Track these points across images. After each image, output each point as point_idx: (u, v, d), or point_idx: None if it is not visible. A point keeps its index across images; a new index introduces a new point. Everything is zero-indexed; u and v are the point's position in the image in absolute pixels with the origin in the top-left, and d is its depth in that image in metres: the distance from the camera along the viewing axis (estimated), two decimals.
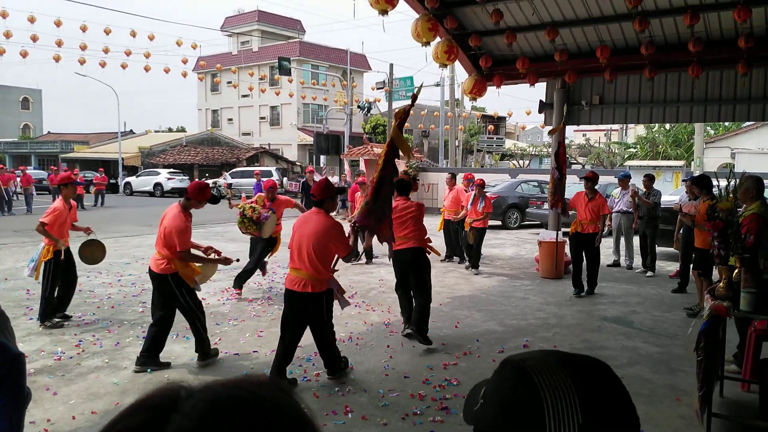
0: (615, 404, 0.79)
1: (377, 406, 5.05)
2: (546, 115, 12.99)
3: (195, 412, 0.59)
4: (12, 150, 54.63)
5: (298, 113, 50.82)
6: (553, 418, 0.76)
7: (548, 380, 0.79)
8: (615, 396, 0.80)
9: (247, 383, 0.65)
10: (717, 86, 11.09)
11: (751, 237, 5.33)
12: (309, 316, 5.51)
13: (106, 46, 23.16)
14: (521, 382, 0.81)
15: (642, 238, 11.51)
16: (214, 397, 0.61)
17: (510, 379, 0.83)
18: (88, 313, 8.06)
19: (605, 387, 0.81)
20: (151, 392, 0.63)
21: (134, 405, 0.62)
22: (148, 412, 0.60)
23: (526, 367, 0.82)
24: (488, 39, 11.17)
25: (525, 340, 7.03)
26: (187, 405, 0.59)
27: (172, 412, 0.59)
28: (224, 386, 0.64)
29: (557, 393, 0.77)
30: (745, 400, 5.28)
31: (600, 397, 0.79)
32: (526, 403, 0.78)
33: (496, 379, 0.86)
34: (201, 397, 0.61)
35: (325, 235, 5.37)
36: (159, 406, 0.60)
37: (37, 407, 4.88)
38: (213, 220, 19.82)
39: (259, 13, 55.29)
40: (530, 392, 0.79)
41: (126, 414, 0.61)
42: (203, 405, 0.60)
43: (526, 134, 66.17)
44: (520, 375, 0.82)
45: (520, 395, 0.80)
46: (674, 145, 35.77)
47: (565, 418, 0.75)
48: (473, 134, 47.61)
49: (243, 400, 0.61)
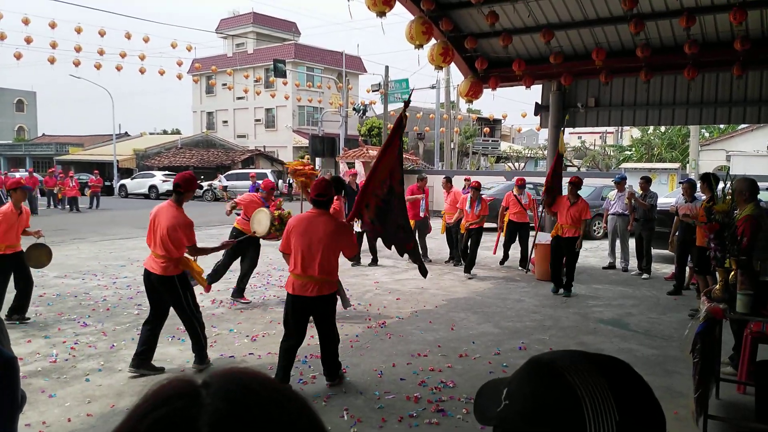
0: (645, 402, 0.80)
1: (373, 408, 5.04)
2: (542, 118, 13.02)
3: (221, 394, 0.61)
4: (6, 152, 54.48)
5: (294, 115, 50.81)
6: (592, 418, 0.75)
7: (582, 380, 0.79)
8: (644, 394, 0.81)
9: (254, 372, 0.67)
10: (713, 89, 11.14)
11: (745, 239, 5.34)
12: (321, 319, 5.40)
13: (101, 47, 23.15)
14: (555, 383, 0.80)
15: (638, 240, 11.52)
16: (232, 381, 0.63)
17: (542, 380, 0.82)
18: (83, 315, 8.03)
19: (635, 385, 0.81)
20: (165, 384, 0.64)
21: (154, 397, 0.62)
22: (178, 400, 0.60)
23: (558, 367, 0.82)
24: (484, 41, 11.20)
25: (521, 342, 7.03)
26: (211, 390, 0.61)
27: (199, 398, 0.60)
28: (241, 372, 0.66)
29: (593, 392, 0.77)
30: (741, 402, 5.29)
31: (632, 395, 0.79)
32: (562, 404, 0.78)
33: (524, 379, 0.85)
34: (220, 383, 0.63)
35: (337, 235, 5.26)
36: (183, 394, 0.61)
37: (32, 410, 4.86)
38: (209, 222, 19.78)
39: (255, 15, 55.26)
40: (566, 392, 0.78)
41: (149, 407, 0.60)
42: (231, 387, 0.62)
43: (521, 137, 66.21)
44: (553, 375, 0.81)
45: (555, 396, 0.79)
46: (669, 148, 35.85)
47: (603, 417, 0.75)
48: (469, 137, 47.64)
49: (260, 383, 0.65)
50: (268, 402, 0.62)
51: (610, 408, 0.76)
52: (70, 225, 19.87)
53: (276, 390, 0.65)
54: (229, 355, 6.47)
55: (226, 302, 8.80)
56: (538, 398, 0.81)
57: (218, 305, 8.68)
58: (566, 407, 0.77)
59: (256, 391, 0.63)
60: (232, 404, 0.60)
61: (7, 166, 49.72)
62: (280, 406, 0.63)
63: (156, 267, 5.73)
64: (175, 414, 0.59)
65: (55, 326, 7.49)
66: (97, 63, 23.96)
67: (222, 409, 0.59)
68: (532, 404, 0.81)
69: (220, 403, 0.60)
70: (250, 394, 0.62)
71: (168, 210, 5.74)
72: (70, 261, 12.39)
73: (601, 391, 0.77)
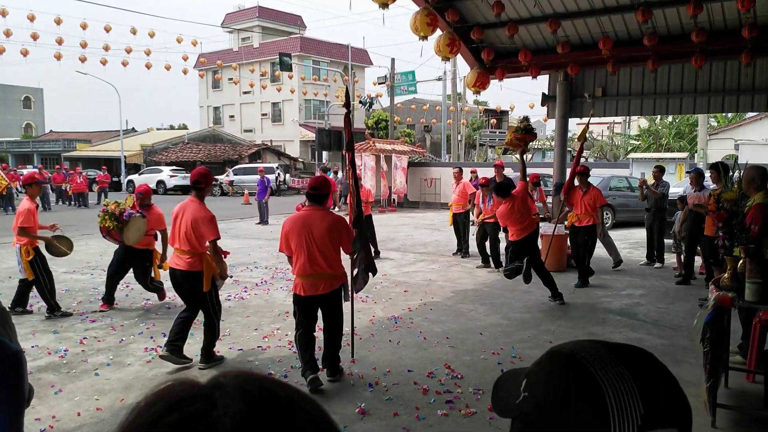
0: (670, 392, 0.78)
1: (382, 400, 5.04)
2: (549, 108, 12.96)
3: (238, 395, 0.60)
4: (15, 149, 54.73)
5: (300, 109, 50.76)
6: (616, 410, 0.74)
7: (605, 371, 0.77)
8: (668, 384, 0.79)
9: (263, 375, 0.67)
10: (720, 77, 11.05)
11: (756, 227, 5.30)
12: (331, 312, 5.44)
13: (107, 43, 23.19)
14: (577, 374, 0.78)
15: (649, 230, 11.47)
16: (247, 382, 0.62)
17: (563, 371, 0.80)
18: (91, 309, 8.06)
19: (659, 376, 0.79)
20: (170, 387, 0.62)
21: (162, 400, 0.60)
22: (191, 403, 0.58)
23: (580, 358, 0.80)
24: (490, 32, 11.14)
25: (530, 333, 7.01)
26: (225, 391, 0.60)
27: (214, 400, 0.59)
28: (253, 373, 0.66)
29: (616, 384, 0.76)
30: (750, 390, 5.27)
31: (656, 385, 0.77)
32: (585, 396, 0.76)
33: (544, 370, 0.83)
34: (234, 384, 0.62)
35: (337, 229, 5.29)
36: (196, 396, 0.59)
37: (42, 404, 4.89)
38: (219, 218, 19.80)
39: (260, 9, 55.15)
40: (589, 384, 0.76)
41: (158, 411, 0.58)
42: (247, 388, 0.61)
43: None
44: (574, 367, 0.79)
45: (577, 388, 0.77)
46: (677, 137, 35.66)
47: (627, 408, 0.74)
48: (476, 128, 47.56)
49: (274, 383, 0.64)
50: (286, 401, 0.62)
51: (634, 400, 0.74)
52: (78, 221, 19.93)
53: (290, 389, 0.64)
54: (238, 348, 6.48)
55: (235, 297, 8.82)
56: (558, 390, 0.79)
57: (227, 298, 8.70)
58: (588, 399, 0.75)
59: (272, 391, 0.62)
60: (251, 405, 0.59)
61: (15, 163, 49.93)
62: (297, 405, 0.62)
63: (181, 263, 5.81)
64: (193, 417, 0.57)
65: (64, 321, 7.53)
66: (103, 59, 23.97)
67: (243, 410, 0.58)
68: (552, 396, 0.79)
69: (240, 404, 0.58)
70: (268, 394, 0.61)
71: (191, 205, 5.82)
72: (79, 256, 12.42)
73: (625, 382, 0.76)
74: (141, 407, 0.60)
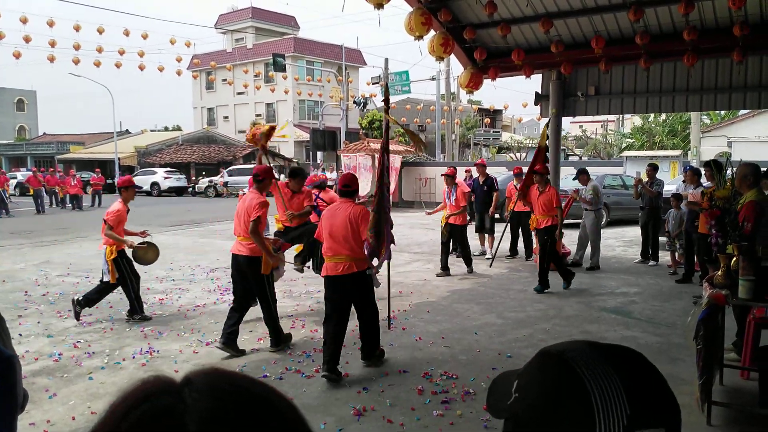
0: (657, 392, 0.78)
1: (377, 401, 5.04)
2: (542, 107, 12.97)
3: (206, 392, 0.60)
4: (8, 152, 54.51)
5: (294, 110, 50.73)
6: (601, 410, 0.74)
7: (592, 372, 0.77)
8: (656, 384, 0.79)
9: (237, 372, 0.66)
10: (713, 75, 11.07)
11: (748, 224, 5.32)
12: (357, 296, 5.75)
13: (100, 45, 23.06)
14: (564, 375, 0.79)
15: (643, 228, 11.50)
16: (218, 379, 0.63)
17: (551, 372, 0.81)
18: (86, 312, 8.03)
19: (646, 376, 0.80)
20: (141, 383, 0.62)
21: (132, 395, 0.61)
22: (159, 398, 0.59)
23: (568, 359, 0.80)
24: (483, 31, 11.13)
25: (525, 332, 7.02)
26: (194, 388, 0.60)
27: (182, 396, 0.59)
28: (224, 371, 0.65)
29: (603, 384, 0.76)
30: (744, 387, 5.28)
31: (643, 386, 0.78)
32: (572, 396, 0.76)
33: (534, 371, 0.84)
34: (204, 381, 0.62)
35: (359, 218, 5.69)
36: (164, 392, 0.60)
37: (36, 408, 4.88)
38: (216, 218, 19.78)
39: (253, 9, 55.09)
40: (576, 385, 0.77)
41: (128, 405, 0.60)
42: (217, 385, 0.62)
43: (522, 127, 65.97)
44: (562, 367, 0.80)
45: (565, 388, 0.78)
46: (670, 135, 35.74)
47: (613, 409, 0.74)
48: (470, 128, 47.50)
49: (247, 381, 0.64)
50: (257, 399, 0.61)
51: (620, 400, 0.74)
52: (72, 223, 19.88)
53: (263, 387, 0.64)
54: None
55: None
56: (546, 390, 0.79)
57: (223, 302, 8.68)
58: (575, 400, 0.76)
59: (244, 388, 0.62)
60: (220, 401, 0.59)
61: (8, 166, 49.74)
62: (268, 403, 0.62)
63: (243, 249, 6.38)
64: (159, 412, 0.57)
65: (58, 325, 7.50)
66: (97, 61, 23.83)
67: (210, 407, 0.58)
68: (541, 397, 0.80)
69: (207, 401, 0.58)
70: (238, 391, 0.61)
71: (249, 195, 6.55)
72: (73, 259, 12.41)
73: (611, 382, 0.76)
74: (115, 403, 0.61)
